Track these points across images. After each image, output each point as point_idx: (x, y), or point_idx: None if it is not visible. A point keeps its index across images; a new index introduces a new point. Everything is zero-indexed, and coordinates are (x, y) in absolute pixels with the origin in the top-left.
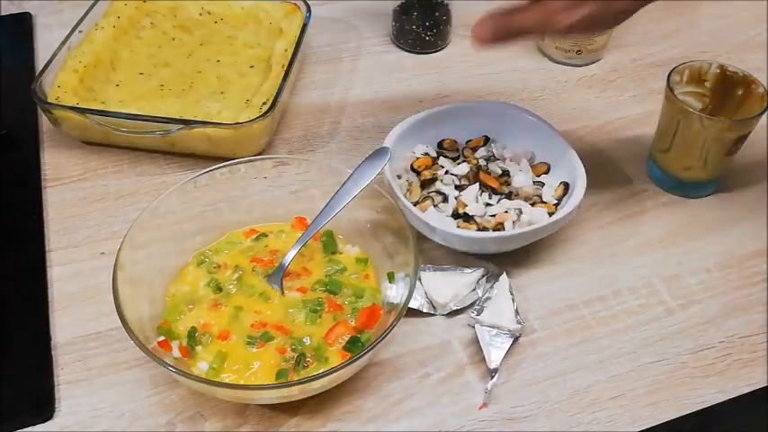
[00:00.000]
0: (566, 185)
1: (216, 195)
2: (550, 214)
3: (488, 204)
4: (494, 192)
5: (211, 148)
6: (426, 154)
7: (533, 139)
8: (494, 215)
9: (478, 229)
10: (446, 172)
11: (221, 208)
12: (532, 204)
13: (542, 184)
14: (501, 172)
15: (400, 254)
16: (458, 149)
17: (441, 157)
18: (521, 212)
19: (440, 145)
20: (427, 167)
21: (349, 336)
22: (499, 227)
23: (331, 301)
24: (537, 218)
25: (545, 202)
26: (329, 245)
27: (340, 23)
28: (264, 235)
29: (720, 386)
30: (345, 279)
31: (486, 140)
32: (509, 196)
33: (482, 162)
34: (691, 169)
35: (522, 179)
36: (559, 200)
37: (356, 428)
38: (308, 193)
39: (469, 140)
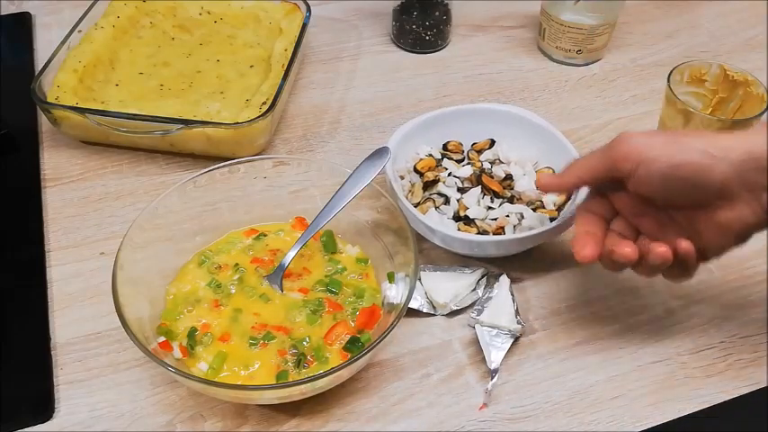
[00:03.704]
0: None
1: (216, 195)
2: (552, 219)
3: (490, 208)
4: (496, 195)
5: (211, 147)
6: (430, 155)
7: (540, 144)
8: (495, 219)
9: (479, 233)
10: (449, 174)
11: (221, 208)
12: (534, 209)
13: None
14: (504, 175)
15: (400, 254)
16: (463, 152)
17: (445, 159)
18: (522, 217)
19: (445, 147)
20: (430, 169)
21: (349, 336)
22: (500, 231)
23: (331, 302)
24: (538, 223)
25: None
26: (329, 245)
27: (340, 23)
28: (264, 235)
29: (721, 386)
30: (345, 279)
31: (492, 143)
32: (511, 200)
33: (486, 165)
34: None
35: (525, 183)
36: (561, 206)
37: (356, 428)
38: (307, 193)
39: (475, 143)
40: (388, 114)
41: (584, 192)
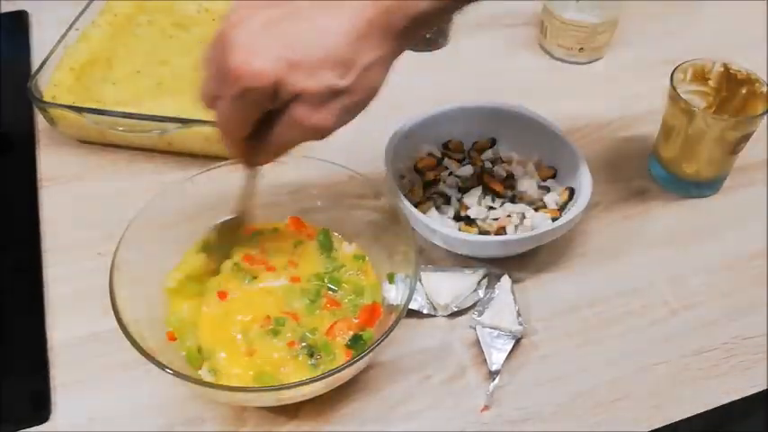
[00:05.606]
0: (571, 191)
1: (214, 195)
2: (554, 219)
3: (491, 208)
4: (497, 195)
5: (209, 147)
6: (431, 154)
7: (541, 143)
8: (496, 219)
9: (480, 233)
10: (450, 173)
11: (219, 208)
12: (536, 209)
13: (548, 189)
14: (506, 175)
15: (400, 254)
16: (463, 151)
17: (445, 158)
18: (524, 217)
19: (445, 146)
20: (431, 168)
21: (351, 332)
22: (501, 231)
23: (329, 298)
24: (540, 223)
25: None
26: (325, 243)
27: None
28: (260, 233)
29: (724, 388)
30: (344, 276)
31: (494, 142)
32: (513, 200)
33: (487, 164)
34: (694, 168)
35: (527, 183)
36: (563, 205)
37: (356, 431)
38: (306, 193)
39: (476, 142)
40: (388, 113)
41: (586, 191)
